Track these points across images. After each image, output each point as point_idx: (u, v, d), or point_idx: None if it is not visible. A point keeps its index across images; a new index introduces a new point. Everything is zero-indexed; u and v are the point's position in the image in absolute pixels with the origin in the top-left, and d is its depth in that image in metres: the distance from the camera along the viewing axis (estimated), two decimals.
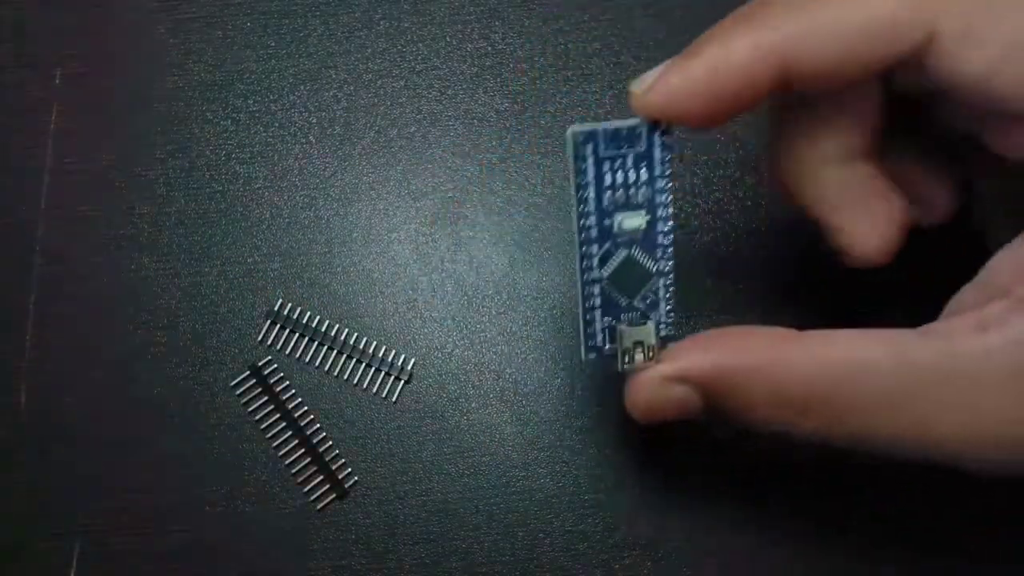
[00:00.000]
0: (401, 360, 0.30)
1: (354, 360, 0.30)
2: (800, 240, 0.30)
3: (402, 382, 0.29)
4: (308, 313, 0.30)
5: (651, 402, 0.22)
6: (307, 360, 0.30)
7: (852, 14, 0.19)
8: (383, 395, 0.29)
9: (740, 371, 0.21)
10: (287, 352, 0.30)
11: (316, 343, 0.30)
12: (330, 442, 0.29)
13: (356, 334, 0.30)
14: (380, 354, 0.30)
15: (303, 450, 0.29)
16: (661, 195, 0.21)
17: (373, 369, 0.29)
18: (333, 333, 0.30)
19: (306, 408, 0.29)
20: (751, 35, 0.19)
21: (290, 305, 0.30)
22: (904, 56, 0.19)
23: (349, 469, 0.29)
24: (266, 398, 0.29)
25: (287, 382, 0.29)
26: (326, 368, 0.30)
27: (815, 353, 0.20)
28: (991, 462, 0.19)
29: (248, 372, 0.30)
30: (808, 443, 0.21)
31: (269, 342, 0.30)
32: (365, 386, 0.29)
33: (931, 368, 0.19)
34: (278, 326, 0.30)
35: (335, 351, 0.30)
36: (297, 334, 0.30)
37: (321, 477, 0.29)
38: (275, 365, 0.30)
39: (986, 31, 0.18)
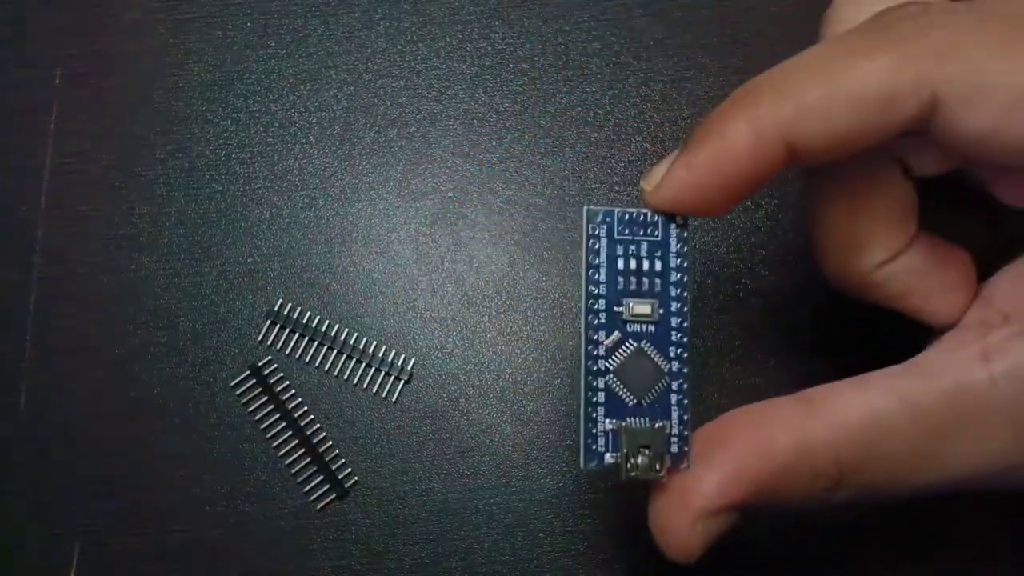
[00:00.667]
0: (401, 360, 0.30)
1: (354, 360, 0.30)
2: (800, 239, 0.30)
3: (402, 382, 0.29)
4: (308, 313, 0.30)
5: (700, 544, 0.20)
6: (307, 360, 0.30)
7: (850, 87, 0.18)
8: (383, 395, 0.29)
9: (774, 475, 0.20)
10: (287, 352, 0.30)
11: (316, 343, 0.30)
12: (330, 442, 0.29)
13: (356, 334, 0.30)
14: (380, 354, 0.30)
15: (303, 450, 0.29)
16: (676, 288, 0.20)
17: (373, 369, 0.29)
18: (333, 333, 0.30)
19: (306, 408, 0.29)
20: (751, 120, 0.19)
21: (290, 305, 0.30)
22: (909, 121, 0.19)
23: (349, 469, 0.29)
24: (266, 398, 0.29)
25: (287, 382, 0.29)
26: (326, 368, 0.30)
27: (834, 424, 0.20)
28: (1010, 485, 0.20)
29: (248, 372, 0.30)
30: (841, 508, 0.20)
31: (269, 342, 0.30)
32: (365, 386, 0.29)
33: (943, 408, 0.19)
34: (278, 326, 0.30)
35: (335, 351, 0.30)
36: (297, 334, 0.30)
37: (321, 477, 0.29)
38: (275, 365, 0.30)
39: (986, 92, 0.18)
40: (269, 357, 0.30)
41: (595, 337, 0.20)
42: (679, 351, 0.20)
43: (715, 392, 0.29)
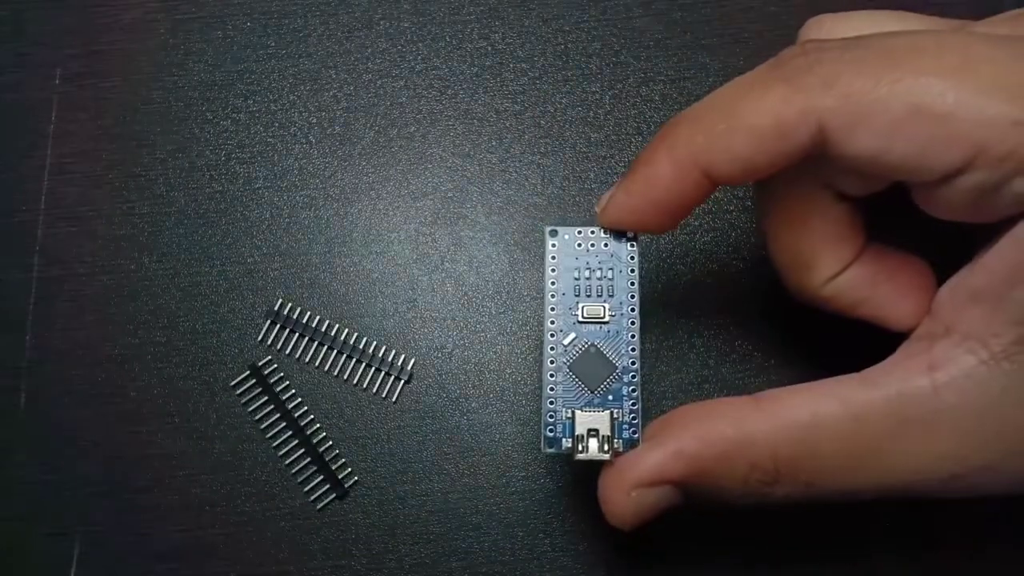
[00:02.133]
0: (401, 360, 0.30)
1: (354, 360, 0.30)
2: None
3: (402, 382, 0.29)
4: (308, 313, 0.30)
5: (632, 513, 0.22)
6: (307, 360, 0.30)
7: (747, 119, 0.21)
8: (383, 395, 0.29)
9: (711, 459, 0.21)
10: (287, 352, 0.30)
11: (316, 343, 0.30)
12: (330, 442, 0.29)
13: (356, 334, 0.30)
14: (380, 354, 0.30)
15: (303, 450, 0.29)
16: (626, 293, 0.23)
17: (373, 369, 0.29)
18: (333, 333, 0.30)
19: (306, 408, 0.29)
20: (670, 150, 0.22)
21: (290, 305, 0.30)
22: (804, 147, 0.20)
23: (349, 469, 0.29)
24: (266, 398, 0.29)
25: (287, 382, 0.29)
26: (326, 368, 0.30)
27: (775, 421, 0.21)
28: (955, 492, 0.21)
29: (248, 372, 0.30)
30: (784, 504, 0.22)
31: (269, 342, 0.30)
32: (365, 386, 0.29)
33: (885, 415, 0.20)
34: (278, 326, 0.30)
35: (335, 351, 0.30)
36: (297, 334, 0.30)
37: (321, 477, 0.29)
38: (275, 365, 0.30)
39: (865, 119, 0.19)
40: (269, 357, 0.30)
41: (554, 337, 0.23)
42: (630, 348, 0.23)
43: (715, 392, 0.29)
